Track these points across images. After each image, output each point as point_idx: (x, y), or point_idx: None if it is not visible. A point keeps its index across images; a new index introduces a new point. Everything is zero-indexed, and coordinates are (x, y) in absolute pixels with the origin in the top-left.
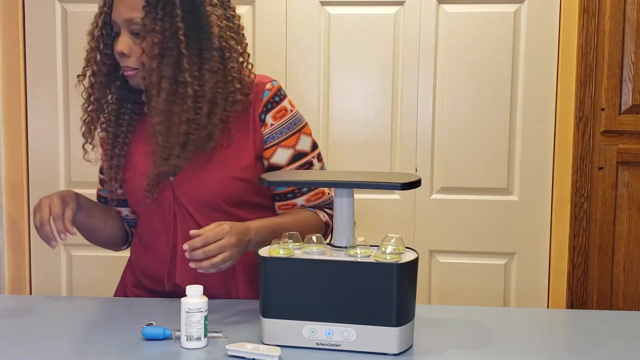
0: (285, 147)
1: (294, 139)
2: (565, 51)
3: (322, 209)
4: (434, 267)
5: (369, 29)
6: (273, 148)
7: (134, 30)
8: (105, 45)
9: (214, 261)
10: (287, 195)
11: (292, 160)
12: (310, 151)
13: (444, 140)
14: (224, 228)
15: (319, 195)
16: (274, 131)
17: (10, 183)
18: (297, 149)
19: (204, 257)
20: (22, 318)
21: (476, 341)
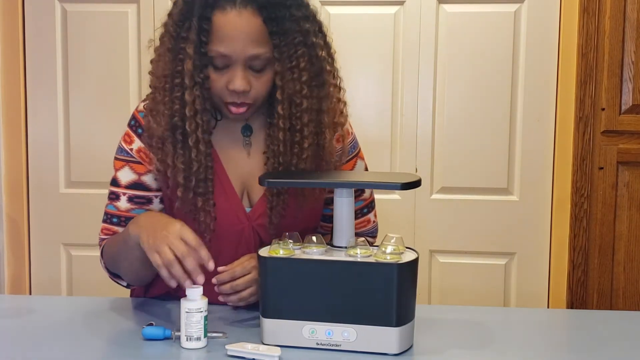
0: None
1: (352, 163)
2: (565, 51)
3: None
4: (434, 267)
5: (369, 29)
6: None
7: (254, 66)
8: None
9: (242, 295)
10: None
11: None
12: None
13: (444, 140)
14: (252, 262)
15: (365, 223)
16: (336, 154)
17: (10, 183)
18: None
19: (231, 291)
20: (22, 318)
21: (476, 341)
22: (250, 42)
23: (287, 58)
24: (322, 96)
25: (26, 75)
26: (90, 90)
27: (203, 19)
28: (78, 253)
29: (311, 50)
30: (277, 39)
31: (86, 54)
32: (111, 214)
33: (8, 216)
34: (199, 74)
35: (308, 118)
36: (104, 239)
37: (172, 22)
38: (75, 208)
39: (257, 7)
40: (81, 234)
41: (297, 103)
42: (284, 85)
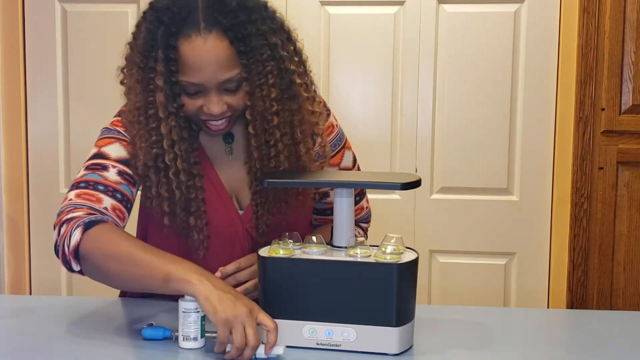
0: (331, 166)
1: (339, 156)
2: (565, 51)
3: (359, 224)
4: (434, 267)
5: (369, 29)
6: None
7: (228, 88)
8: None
9: (245, 286)
10: (327, 212)
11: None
12: (352, 166)
13: (444, 140)
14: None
15: (358, 211)
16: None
17: (10, 183)
18: (341, 166)
19: (235, 283)
20: (22, 318)
21: (476, 341)
22: (219, 68)
23: (255, 76)
24: (293, 110)
25: (26, 75)
26: (90, 90)
27: (169, 48)
28: None
29: (280, 64)
30: (245, 59)
31: (86, 54)
32: (96, 182)
33: (8, 216)
34: (172, 104)
35: (280, 134)
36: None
37: (137, 53)
38: None
39: (222, 30)
40: None
41: (268, 120)
42: (253, 104)
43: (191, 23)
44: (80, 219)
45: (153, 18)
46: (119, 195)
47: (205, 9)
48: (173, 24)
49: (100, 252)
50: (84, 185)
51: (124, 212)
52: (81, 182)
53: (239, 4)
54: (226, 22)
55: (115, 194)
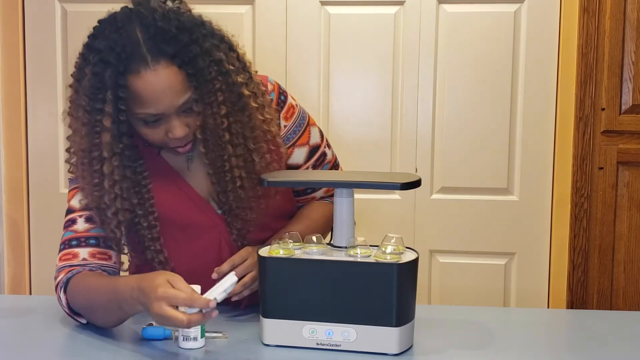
0: (301, 146)
1: (306, 135)
2: (565, 51)
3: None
4: (434, 267)
5: (369, 29)
6: (290, 149)
7: (186, 110)
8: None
9: (244, 281)
10: (307, 191)
11: (309, 156)
12: (321, 141)
13: (444, 140)
14: (248, 249)
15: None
16: (288, 132)
17: (10, 183)
18: (310, 144)
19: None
20: (22, 318)
21: (476, 341)
22: (175, 94)
23: (205, 94)
24: (244, 122)
25: (26, 75)
26: None
27: (118, 87)
28: None
29: (227, 78)
30: (195, 80)
31: None
32: (69, 239)
33: (8, 216)
34: (118, 144)
35: (233, 148)
36: (63, 267)
37: (83, 96)
38: None
39: (169, 57)
40: None
41: (220, 136)
42: (204, 123)
43: (138, 58)
44: (61, 281)
45: (97, 60)
46: (92, 241)
47: (147, 40)
48: (120, 63)
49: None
50: (63, 247)
51: (105, 253)
52: (61, 243)
53: (178, 28)
54: (171, 50)
55: (88, 241)
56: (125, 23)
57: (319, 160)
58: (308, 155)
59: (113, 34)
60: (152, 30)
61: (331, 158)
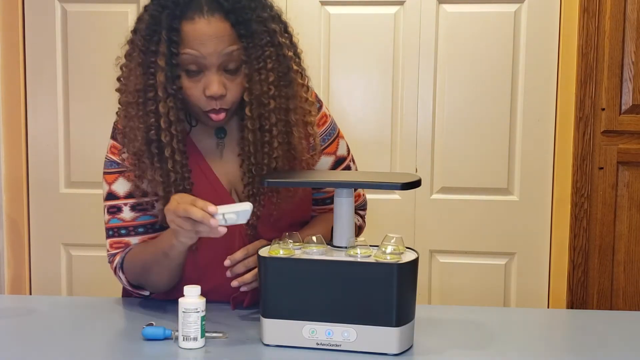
0: (328, 154)
1: (335, 145)
2: (565, 51)
3: (357, 211)
4: (434, 267)
5: (369, 29)
6: (317, 156)
7: (227, 67)
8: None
9: (255, 271)
10: (326, 201)
11: (334, 166)
12: (347, 155)
13: (444, 140)
14: (262, 241)
15: (356, 198)
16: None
17: (10, 183)
18: (337, 154)
19: (244, 269)
20: (22, 318)
21: (476, 341)
22: (221, 42)
23: (254, 60)
24: (289, 95)
25: (26, 75)
26: (90, 90)
27: (172, 30)
28: (78, 253)
29: (278, 50)
30: (246, 42)
31: (86, 54)
32: (118, 227)
33: (8, 216)
34: (172, 85)
35: (276, 118)
36: (116, 253)
37: (139, 36)
38: (75, 208)
39: (224, 13)
40: (81, 234)
41: (264, 104)
42: (251, 87)
43: (194, 7)
44: (117, 263)
45: (157, 4)
46: (141, 229)
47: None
48: (177, 7)
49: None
50: (112, 234)
51: (155, 236)
52: (109, 229)
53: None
54: (228, 6)
55: (137, 229)
56: None
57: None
58: (333, 165)
59: None
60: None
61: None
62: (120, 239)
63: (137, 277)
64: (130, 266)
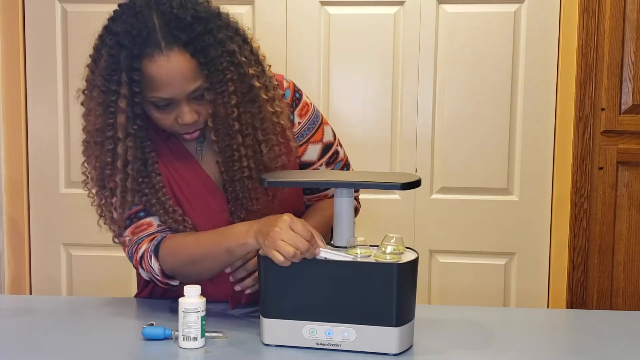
0: (314, 143)
1: (320, 132)
2: (565, 51)
3: None
4: (434, 267)
5: (369, 29)
6: (304, 146)
7: (196, 97)
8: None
9: (256, 275)
10: (319, 188)
11: (322, 153)
12: (334, 140)
13: (444, 140)
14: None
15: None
16: (302, 129)
17: (10, 183)
18: (324, 141)
19: (245, 274)
20: (22, 318)
21: (476, 341)
22: (185, 81)
23: (217, 84)
24: (254, 114)
25: (26, 75)
26: None
27: (133, 70)
28: (78, 253)
29: (239, 69)
30: (207, 69)
31: (86, 54)
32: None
33: (8, 216)
34: (132, 125)
35: (242, 137)
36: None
37: (99, 76)
38: (75, 208)
39: (182, 45)
40: (81, 234)
41: (230, 125)
42: (215, 111)
43: (152, 43)
44: (147, 250)
45: (114, 42)
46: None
47: (162, 27)
48: (135, 46)
49: (177, 266)
50: (130, 222)
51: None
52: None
53: (193, 17)
54: (185, 37)
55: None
56: (143, 8)
57: (332, 158)
58: (321, 152)
59: (131, 18)
60: (167, 17)
61: (343, 156)
62: (140, 221)
63: (177, 267)
64: (170, 255)
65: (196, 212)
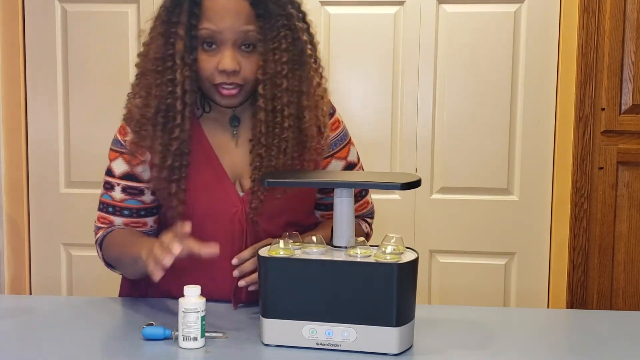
0: (339, 159)
1: (346, 150)
2: (565, 51)
3: (364, 219)
4: (434, 267)
5: (369, 29)
6: (328, 159)
7: (244, 43)
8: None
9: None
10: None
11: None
12: (357, 162)
13: (444, 140)
14: (269, 240)
15: (364, 205)
16: (331, 143)
17: (10, 183)
18: (348, 160)
19: (253, 267)
20: (22, 318)
21: (476, 341)
22: (238, 18)
23: (270, 39)
24: (302, 77)
25: (26, 75)
26: (90, 90)
27: (194, 3)
28: (78, 253)
29: (294, 34)
30: (262, 21)
31: (86, 54)
32: (107, 203)
33: (8, 216)
34: (189, 55)
35: (288, 99)
36: (101, 227)
37: (163, 8)
38: (75, 208)
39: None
40: (81, 234)
41: (277, 83)
42: (265, 65)
43: None
44: (98, 239)
45: None
46: (126, 212)
47: None
48: None
49: (110, 259)
50: (102, 208)
51: (138, 221)
52: (100, 202)
53: None
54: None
55: (122, 211)
56: None
57: None
58: (344, 169)
59: None
60: None
61: None
62: (107, 215)
63: (111, 261)
64: (107, 249)
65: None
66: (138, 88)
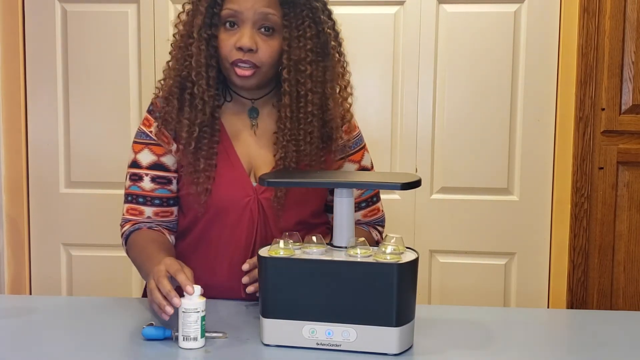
0: (352, 162)
1: (360, 154)
2: (565, 51)
3: (375, 226)
4: (434, 267)
5: (369, 29)
6: (342, 161)
7: (264, 25)
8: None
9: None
10: None
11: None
12: (370, 168)
13: (444, 140)
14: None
15: (375, 211)
16: (345, 145)
17: (10, 183)
18: (361, 164)
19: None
20: (22, 318)
21: (476, 341)
22: (260, 1)
23: (294, 27)
24: (326, 65)
25: (26, 75)
26: (90, 90)
27: None
28: (78, 253)
29: (318, 25)
30: (287, 8)
31: (86, 54)
32: (136, 195)
33: (8, 216)
34: (207, 30)
35: (312, 84)
36: (129, 219)
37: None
38: (75, 208)
39: None
40: (81, 234)
41: (301, 69)
42: (290, 50)
43: None
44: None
45: None
46: (157, 201)
47: None
48: None
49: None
50: (130, 200)
51: (167, 210)
52: (128, 194)
53: None
54: None
55: (153, 201)
56: None
57: None
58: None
59: None
60: None
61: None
62: (137, 206)
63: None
64: (130, 248)
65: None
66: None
